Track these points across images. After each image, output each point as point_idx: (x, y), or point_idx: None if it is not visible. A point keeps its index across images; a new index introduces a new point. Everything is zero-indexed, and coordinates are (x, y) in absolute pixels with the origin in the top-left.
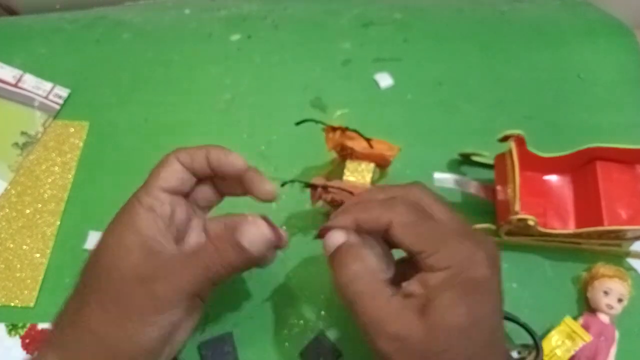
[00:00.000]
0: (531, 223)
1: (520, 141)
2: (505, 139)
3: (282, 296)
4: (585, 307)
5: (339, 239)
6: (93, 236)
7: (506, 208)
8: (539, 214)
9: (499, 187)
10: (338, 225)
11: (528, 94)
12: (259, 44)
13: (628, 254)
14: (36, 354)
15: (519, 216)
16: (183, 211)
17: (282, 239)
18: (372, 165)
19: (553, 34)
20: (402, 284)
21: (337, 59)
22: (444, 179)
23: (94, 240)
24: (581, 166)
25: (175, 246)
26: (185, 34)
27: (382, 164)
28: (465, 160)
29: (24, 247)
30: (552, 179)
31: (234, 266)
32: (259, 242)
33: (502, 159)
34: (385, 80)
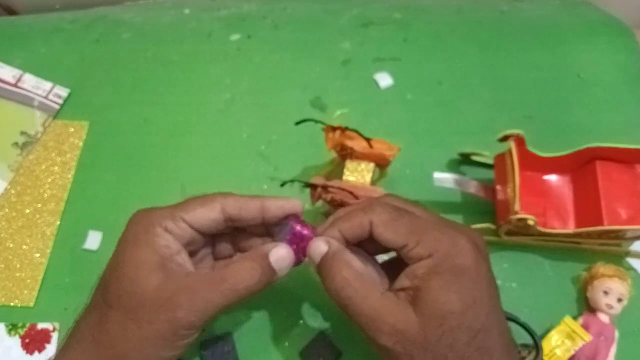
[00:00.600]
0: (531, 223)
1: (520, 141)
2: (505, 139)
3: (282, 296)
4: (585, 307)
5: (322, 248)
6: (93, 236)
7: (506, 208)
8: (539, 214)
9: (499, 187)
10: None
11: (528, 94)
12: (259, 44)
13: (628, 254)
14: None
15: (519, 216)
16: (198, 247)
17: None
18: (372, 165)
19: (553, 34)
20: (392, 283)
21: (337, 59)
22: (444, 179)
23: (94, 240)
24: (581, 166)
25: (193, 268)
26: (185, 34)
27: (382, 164)
28: (465, 160)
29: (24, 247)
30: (552, 179)
31: (260, 287)
32: (286, 265)
33: (502, 159)
34: (385, 80)
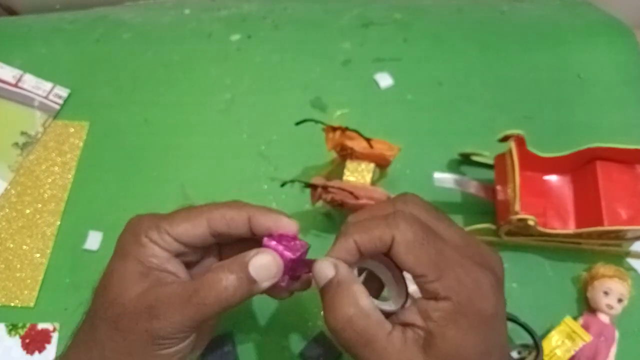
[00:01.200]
0: (531, 223)
1: (520, 141)
2: (505, 139)
3: None
4: (585, 307)
5: (328, 272)
6: (93, 236)
7: (506, 208)
8: (539, 214)
9: (499, 187)
10: (338, 253)
11: (528, 94)
12: (259, 44)
13: (628, 254)
14: None
15: (519, 216)
16: (193, 255)
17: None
18: (372, 165)
19: (553, 34)
20: (400, 313)
21: (337, 59)
22: (444, 179)
23: (94, 240)
24: (581, 166)
25: (185, 274)
26: (185, 34)
27: (382, 164)
28: (465, 160)
29: (24, 247)
30: (552, 179)
31: (237, 299)
32: (270, 275)
33: (502, 159)
34: (385, 80)
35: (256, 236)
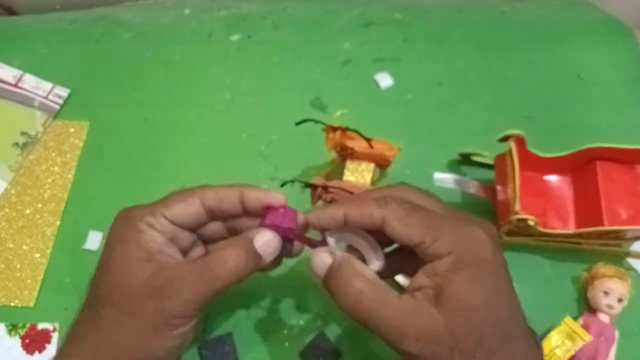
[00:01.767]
0: (531, 223)
1: (520, 141)
2: (505, 139)
3: (282, 296)
4: (585, 307)
5: (325, 259)
6: (93, 236)
7: (506, 208)
8: (539, 214)
9: (499, 187)
10: (323, 216)
11: (528, 94)
12: (259, 44)
13: (628, 254)
14: None
15: (519, 216)
16: (185, 240)
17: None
18: (372, 165)
19: (553, 34)
20: (409, 281)
21: (337, 59)
22: (444, 179)
23: (94, 240)
24: (581, 166)
25: (182, 257)
26: (185, 34)
27: (382, 164)
28: (465, 160)
29: (24, 247)
30: (552, 179)
31: (244, 274)
32: (272, 249)
33: (502, 159)
34: (385, 80)
35: (247, 210)
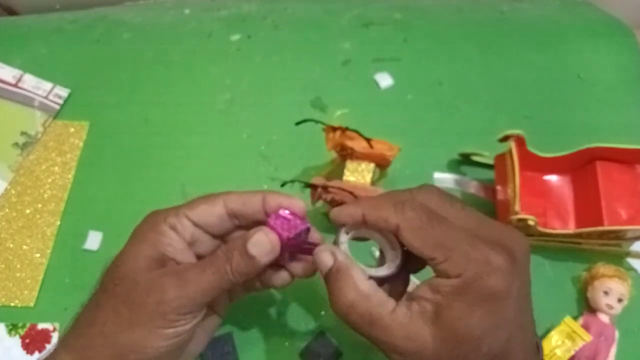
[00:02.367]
0: (531, 223)
1: (520, 141)
2: (505, 139)
3: (282, 296)
4: (585, 307)
5: (326, 262)
6: (93, 236)
7: (506, 208)
8: (539, 214)
9: (499, 187)
10: (343, 215)
11: (528, 94)
12: (259, 44)
13: (628, 254)
14: (50, 353)
15: (519, 216)
16: (206, 245)
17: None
18: (372, 165)
19: (553, 34)
20: (411, 289)
21: (337, 59)
22: (444, 179)
23: (94, 240)
24: (581, 166)
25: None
26: (185, 34)
27: (382, 164)
28: (465, 160)
29: (24, 247)
30: (552, 179)
31: (242, 274)
32: (266, 250)
33: (502, 159)
34: (385, 80)
35: (268, 215)
